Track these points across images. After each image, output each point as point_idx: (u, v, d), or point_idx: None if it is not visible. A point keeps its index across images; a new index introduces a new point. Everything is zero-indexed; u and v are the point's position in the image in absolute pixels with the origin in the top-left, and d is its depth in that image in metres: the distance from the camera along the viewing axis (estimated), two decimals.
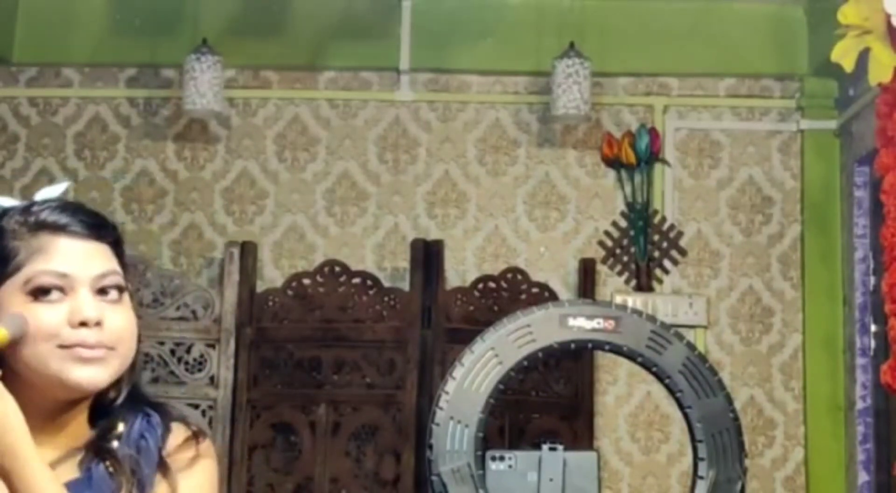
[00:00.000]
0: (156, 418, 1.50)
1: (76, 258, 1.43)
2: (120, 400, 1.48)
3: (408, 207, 5.03)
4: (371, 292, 4.59)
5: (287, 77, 5.12)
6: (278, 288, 4.70)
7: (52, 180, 5.04)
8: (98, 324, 1.41)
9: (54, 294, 1.41)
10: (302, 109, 5.11)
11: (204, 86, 4.70)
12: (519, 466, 3.10)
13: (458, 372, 3.05)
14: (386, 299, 4.58)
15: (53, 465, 1.40)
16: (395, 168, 5.07)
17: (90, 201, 4.99)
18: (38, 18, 5.09)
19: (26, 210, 1.46)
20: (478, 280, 4.72)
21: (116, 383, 1.48)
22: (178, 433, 1.51)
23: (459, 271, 4.92)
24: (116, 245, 1.49)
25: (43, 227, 1.43)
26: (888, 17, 3.13)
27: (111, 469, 1.43)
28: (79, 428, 1.47)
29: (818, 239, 4.90)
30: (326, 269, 4.65)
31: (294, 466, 4.48)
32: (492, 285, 4.70)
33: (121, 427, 1.47)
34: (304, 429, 4.46)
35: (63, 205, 1.47)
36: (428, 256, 4.56)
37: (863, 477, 4.60)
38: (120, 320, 1.44)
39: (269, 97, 5.12)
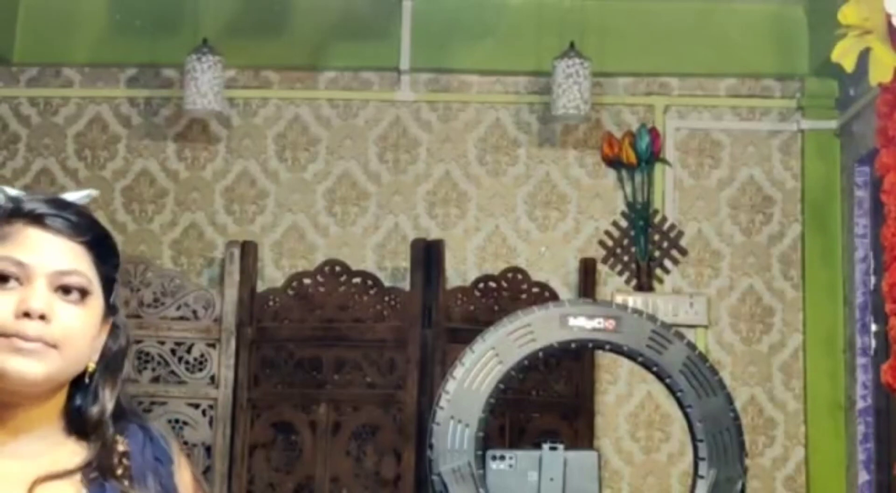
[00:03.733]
0: (155, 433, 1.48)
1: (40, 250, 1.39)
2: (107, 414, 1.44)
3: (408, 206, 5.03)
4: (372, 292, 4.59)
5: (287, 77, 5.12)
6: (279, 288, 4.70)
7: (52, 180, 5.05)
8: (43, 317, 1.36)
9: (11, 283, 1.38)
10: (302, 109, 5.11)
11: (204, 86, 4.70)
12: (519, 465, 3.10)
13: (458, 372, 3.05)
14: (386, 298, 4.59)
15: (40, 481, 1.37)
16: (396, 168, 5.07)
17: (91, 201, 4.98)
18: (38, 18, 5.09)
19: (15, 198, 1.44)
20: (478, 280, 4.72)
21: (95, 396, 1.44)
22: (177, 451, 1.51)
23: (460, 270, 4.92)
24: (97, 248, 1.45)
25: (19, 215, 1.41)
26: (888, 17, 3.13)
27: (125, 486, 1.41)
28: (59, 441, 1.43)
29: (818, 239, 4.90)
30: (327, 269, 4.66)
31: (295, 465, 4.48)
32: (492, 284, 4.71)
33: (121, 445, 1.44)
34: (305, 428, 4.46)
35: (51, 199, 1.44)
36: (428, 255, 4.56)
37: (863, 477, 4.61)
38: (72, 321, 1.39)
39: (269, 97, 5.12)
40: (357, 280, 4.62)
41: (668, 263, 4.96)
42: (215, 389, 4.55)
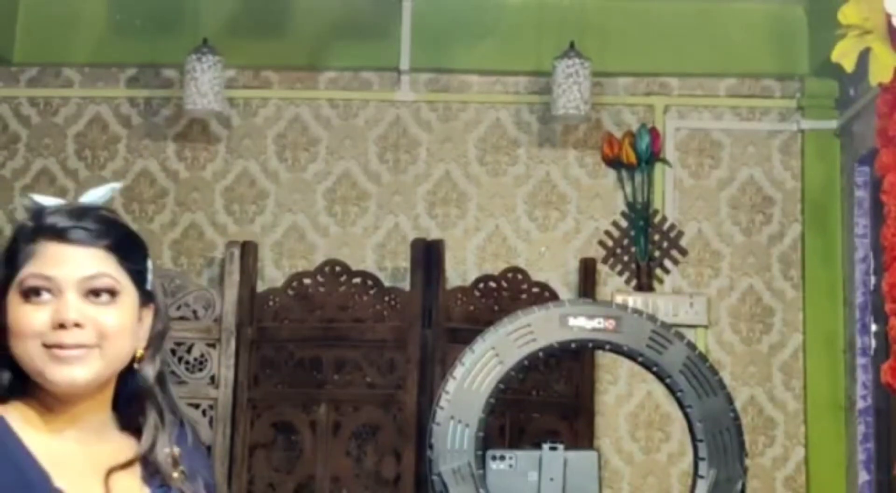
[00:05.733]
0: (190, 434, 1.60)
1: (65, 262, 1.50)
2: (149, 384, 1.56)
3: (408, 206, 5.03)
4: (372, 292, 4.59)
5: (287, 77, 5.12)
6: (279, 288, 4.70)
7: (52, 180, 5.05)
8: (77, 325, 1.48)
9: (44, 296, 1.49)
10: (302, 109, 5.11)
11: (204, 86, 4.70)
12: (519, 465, 3.10)
13: (458, 372, 3.05)
14: (386, 298, 4.59)
15: (113, 470, 1.49)
16: (396, 168, 5.07)
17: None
18: (38, 18, 5.09)
19: (37, 214, 1.53)
20: (478, 280, 4.72)
21: (139, 389, 1.55)
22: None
23: (460, 270, 4.92)
24: (119, 248, 1.54)
25: (43, 231, 1.51)
26: (888, 17, 3.14)
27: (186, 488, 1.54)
28: (111, 433, 1.55)
29: (818, 239, 4.90)
30: (327, 269, 4.65)
31: (295, 465, 4.48)
32: (492, 284, 4.71)
33: (166, 448, 1.54)
34: (305, 428, 4.46)
35: (71, 210, 1.54)
36: (428, 255, 4.56)
37: (863, 477, 4.61)
38: (108, 320, 1.50)
39: (269, 97, 5.12)
40: (357, 280, 4.62)
41: (668, 263, 4.96)
42: (215, 389, 4.55)
